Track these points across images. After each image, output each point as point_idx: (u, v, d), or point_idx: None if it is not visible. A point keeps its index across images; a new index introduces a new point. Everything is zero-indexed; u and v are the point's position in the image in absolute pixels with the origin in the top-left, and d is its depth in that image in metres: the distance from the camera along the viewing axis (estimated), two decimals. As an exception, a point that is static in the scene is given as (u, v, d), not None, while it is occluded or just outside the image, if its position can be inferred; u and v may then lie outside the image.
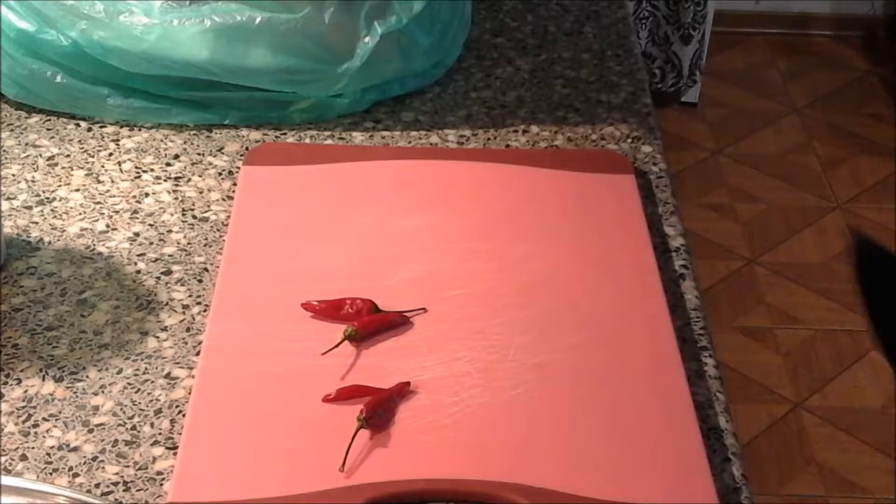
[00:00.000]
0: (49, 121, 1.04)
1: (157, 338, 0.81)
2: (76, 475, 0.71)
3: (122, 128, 1.04)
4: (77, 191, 0.96)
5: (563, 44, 1.21)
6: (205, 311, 0.84)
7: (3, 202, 0.93)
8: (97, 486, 0.70)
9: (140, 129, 1.04)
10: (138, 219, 0.93)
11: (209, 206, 0.95)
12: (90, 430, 0.74)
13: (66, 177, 0.97)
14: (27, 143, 1.01)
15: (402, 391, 0.75)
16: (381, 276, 0.85)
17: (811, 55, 3.42)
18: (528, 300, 0.84)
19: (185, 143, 1.02)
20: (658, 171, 1.01)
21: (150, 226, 0.92)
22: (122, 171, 0.98)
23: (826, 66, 3.37)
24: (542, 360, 0.79)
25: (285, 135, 1.04)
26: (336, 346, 0.78)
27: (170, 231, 0.92)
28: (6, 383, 0.77)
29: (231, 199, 0.95)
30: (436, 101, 1.10)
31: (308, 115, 1.06)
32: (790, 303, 2.44)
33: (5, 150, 1.00)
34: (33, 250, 0.89)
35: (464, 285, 0.85)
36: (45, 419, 0.75)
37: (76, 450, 0.73)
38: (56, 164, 0.99)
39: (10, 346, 0.80)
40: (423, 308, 0.82)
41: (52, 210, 0.93)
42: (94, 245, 0.90)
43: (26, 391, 0.77)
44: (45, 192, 0.95)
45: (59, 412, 0.75)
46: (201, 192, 0.96)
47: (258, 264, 0.86)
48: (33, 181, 0.97)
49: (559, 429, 0.74)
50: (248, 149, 1.01)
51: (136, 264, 0.88)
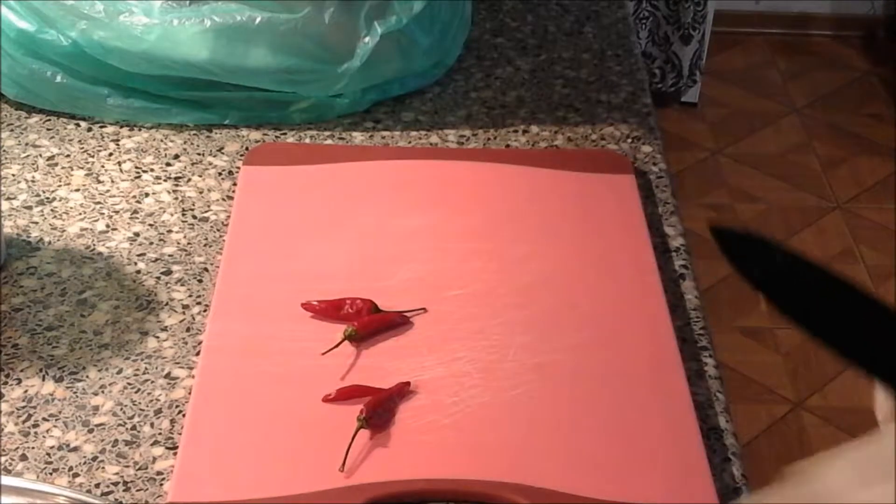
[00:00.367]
0: (49, 121, 1.04)
1: (157, 338, 0.81)
2: (76, 475, 0.71)
3: (122, 128, 1.04)
4: (77, 191, 0.96)
5: (563, 44, 1.21)
6: (205, 311, 0.84)
7: (3, 202, 0.93)
8: (97, 486, 0.70)
9: (140, 129, 1.04)
10: (138, 219, 0.93)
11: (209, 206, 0.95)
12: (90, 430, 0.74)
13: (66, 177, 0.97)
14: (27, 143, 1.01)
15: (402, 391, 0.75)
16: (381, 276, 0.85)
17: (811, 55, 3.42)
18: (528, 300, 0.84)
19: (185, 143, 1.02)
20: (658, 171, 1.01)
21: (150, 226, 0.92)
22: (122, 171, 0.98)
23: (826, 66, 3.38)
24: (542, 360, 0.78)
25: (285, 135, 1.04)
26: (336, 346, 0.78)
27: (170, 231, 0.92)
28: (6, 383, 0.77)
29: (231, 199, 0.95)
30: (436, 101, 1.10)
31: (308, 115, 1.06)
32: (790, 303, 2.44)
33: (5, 150, 1.00)
34: (33, 250, 0.89)
35: (464, 285, 0.85)
36: (45, 419, 0.75)
37: (76, 450, 0.73)
38: (56, 164, 0.99)
39: (10, 346, 0.80)
40: (423, 308, 0.82)
41: (52, 210, 0.93)
42: (94, 245, 0.90)
43: (26, 391, 0.77)
44: (45, 192, 0.95)
45: (59, 412, 0.75)
46: (201, 192, 0.96)
47: (258, 264, 0.86)
48: (33, 181, 0.97)
49: (559, 429, 0.74)
50: (248, 149, 1.01)
51: (136, 264, 0.88)
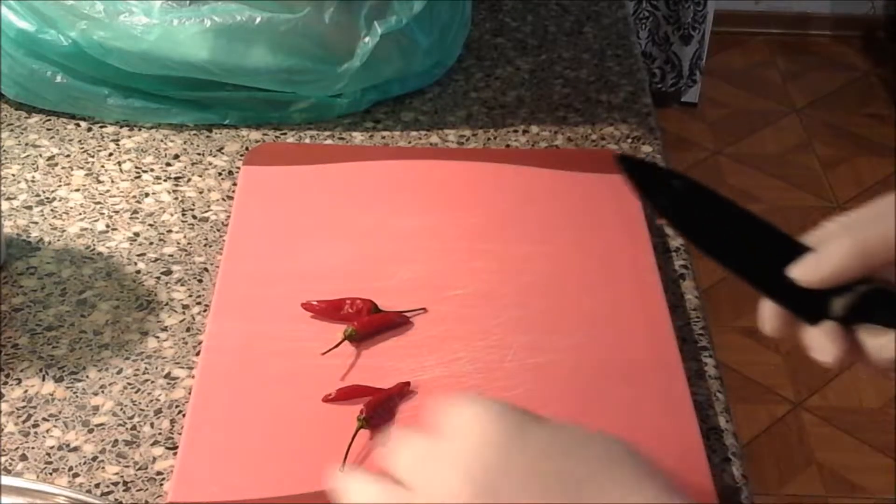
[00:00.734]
0: (49, 121, 1.04)
1: (157, 338, 0.81)
2: (76, 475, 0.71)
3: (122, 128, 1.04)
4: (77, 191, 0.96)
5: (563, 44, 1.21)
6: (205, 311, 0.84)
7: (3, 202, 0.93)
8: (97, 486, 0.70)
9: (140, 129, 1.04)
10: (138, 219, 0.93)
11: (209, 206, 0.95)
12: (90, 430, 0.74)
13: (66, 177, 0.97)
14: (27, 143, 1.01)
15: (403, 391, 0.75)
16: (381, 276, 0.85)
17: (811, 55, 3.42)
18: (528, 300, 0.84)
19: (185, 143, 1.02)
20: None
21: (150, 226, 0.92)
22: (122, 171, 0.98)
23: (826, 66, 3.38)
24: (542, 360, 0.78)
25: (285, 135, 1.04)
26: (336, 346, 0.78)
27: (170, 231, 0.92)
28: (6, 383, 0.77)
29: (231, 199, 0.95)
30: (436, 101, 1.10)
31: (308, 115, 1.06)
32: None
33: (5, 150, 1.00)
34: (33, 250, 0.89)
35: (464, 285, 0.85)
36: (45, 419, 0.75)
37: (76, 450, 0.73)
38: (56, 164, 0.99)
39: (10, 346, 0.80)
40: (423, 308, 0.82)
41: (52, 210, 0.93)
42: (94, 245, 0.90)
43: (26, 391, 0.77)
44: (45, 192, 0.95)
45: (59, 412, 0.75)
46: (201, 192, 0.96)
47: (258, 264, 0.86)
48: (33, 181, 0.97)
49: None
50: (248, 149, 1.01)
51: (136, 264, 0.88)
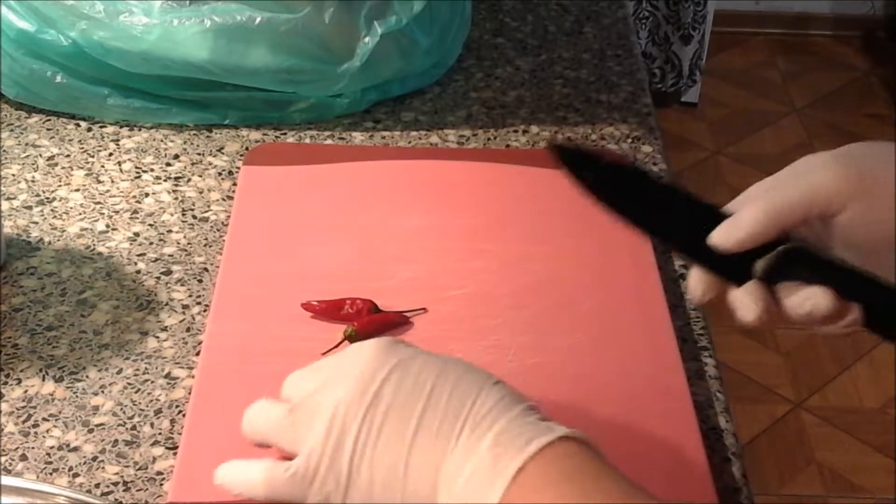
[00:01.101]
0: (49, 121, 1.04)
1: (157, 338, 0.81)
2: (76, 475, 0.71)
3: (122, 128, 1.04)
4: (77, 191, 0.96)
5: (563, 44, 1.21)
6: (205, 311, 0.84)
7: (3, 202, 0.93)
8: (97, 486, 0.70)
9: (140, 129, 1.04)
10: (138, 219, 0.93)
11: (209, 206, 0.95)
12: (90, 430, 0.74)
13: (66, 177, 0.97)
14: (27, 143, 1.01)
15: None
16: (381, 276, 0.85)
17: (811, 55, 3.42)
18: (527, 300, 0.84)
19: (185, 143, 1.02)
20: (658, 171, 1.01)
21: (150, 226, 0.92)
22: (122, 171, 0.98)
23: (826, 66, 3.38)
24: (542, 360, 0.78)
25: (285, 135, 1.04)
26: (336, 346, 0.78)
27: (170, 231, 0.92)
28: (6, 383, 0.77)
29: (231, 199, 0.95)
30: (436, 101, 1.10)
31: (308, 115, 1.06)
32: (790, 303, 2.43)
33: (5, 150, 1.00)
34: (33, 250, 0.89)
35: (464, 285, 0.85)
36: (45, 419, 0.75)
37: (76, 450, 0.73)
38: (56, 164, 0.99)
39: (10, 346, 0.80)
40: (423, 308, 0.82)
41: (52, 210, 0.93)
42: (94, 245, 0.90)
43: (26, 391, 0.77)
44: (45, 192, 0.95)
45: (59, 412, 0.75)
46: (201, 192, 0.96)
47: (258, 264, 0.86)
48: (33, 181, 0.97)
49: (559, 429, 0.74)
50: (248, 149, 1.01)
51: (136, 264, 0.88)
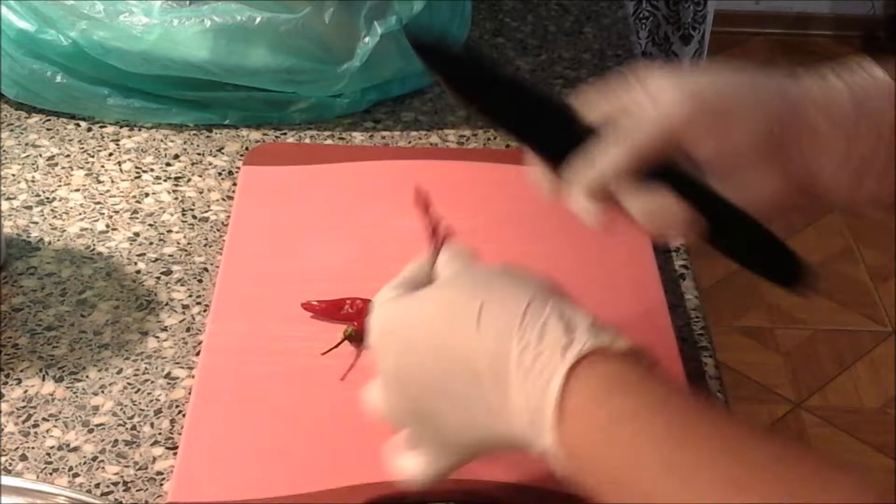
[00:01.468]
0: (49, 121, 1.04)
1: (157, 338, 0.81)
2: (76, 475, 0.71)
3: (122, 128, 1.04)
4: (77, 191, 0.96)
5: (563, 44, 1.21)
6: (205, 311, 0.84)
7: (3, 202, 0.93)
8: (97, 486, 0.70)
9: (140, 129, 1.04)
10: (138, 219, 0.93)
11: (209, 206, 0.95)
12: (90, 430, 0.74)
13: (66, 177, 0.97)
14: (27, 143, 1.01)
15: None
16: (381, 276, 0.85)
17: (811, 55, 3.42)
18: (528, 300, 0.83)
19: (185, 143, 1.02)
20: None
21: (150, 226, 0.92)
22: (122, 171, 0.98)
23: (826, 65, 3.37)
24: (542, 360, 0.78)
25: (285, 135, 1.04)
26: (336, 346, 0.78)
27: (170, 231, 0.92)
28: (6, 383, 0.77)
29: (231, 199, 0.95)
30: (436, 101, 1.10)
31: (308, 115, 1.06)
32: (790, 303, 2.44)
33: (5, 150, 1.00)
34: (33, 250, 0.89)
35: (464, 285, 0.84)
36: (45, 419, 0.75)
37: (76, 450, 0.73)
38: (56, 164, 0.99)
39: (10, 346, 0.80)
40: (423, 308, 0.82)
41: (52, 210, 0.93)
42: (94, 245, 0.90)
43: (26, 391, 0.77)
44: (45, 192, 0.95)
45: (59, 412, 0.75)
46: (201, 192, 0.96)
47: (258, 264, 0.86)
48: (33, 181, 0.97)
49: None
50: (248, 149, 1.01)
51: (136, 264, 0.88)
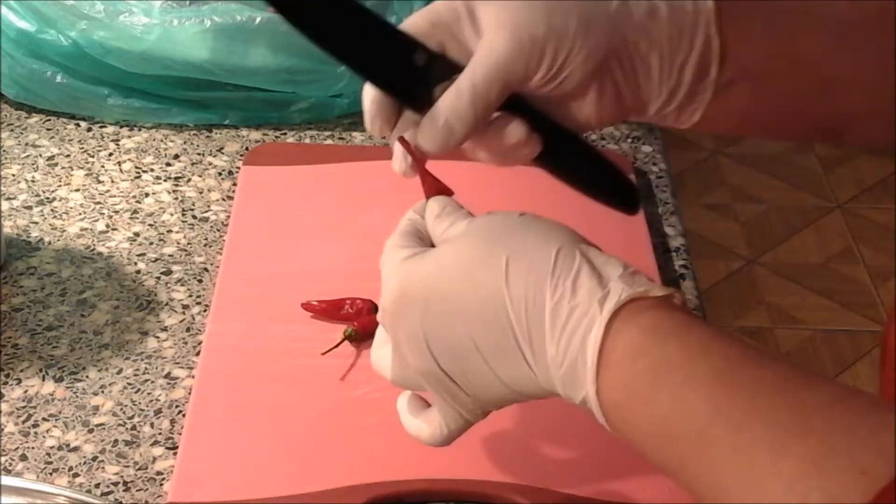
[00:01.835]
0: (49, 121, 1.04)
1: (157, 338, 0.81)
2: (76, 475, 0.71)
3: (122, 128, 1.04)
4: (77, 191, 0.96)
5: None
6: (205, 311, 0.84)
7: (3, 202, 0.93)
8: (97, 486, 0.70)
9: (140, 129, 1.04)
10: (138, 219, 0.93)
11: (209, 206, 0.95)
12: (90, 430, 0.74)
13: (66, 177, 0.97)
14: (27, 143, 1.01)
15: None
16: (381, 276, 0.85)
17: None
18: (528, 300, 0.83)
19: (185, 143, 1.02)
20: (658, 171, 1.01)
21: (150, 226, 0.92)
22: (122, 171, 0.98)
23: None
24: (542, 360, 0.78)
25: (285, 135, 1.04)
26: (336, 346, 0.78)
27: (170, 231, 0.92)
28: (6, 383, 0.77)
29: (231, 199, 0.95)
30: (436, 101, 1.10)
31: (308, 115, 1.05)
32: (790, 303, 2.44)
33: (5, 150, 1.00)
34: (33, 250, 0.89)
35: (464, 285, 0.84)
36: (45, 419, 0.75)
37: (76, 450, 0.73)
38: (56, 164, 0.99)
39: (10, 346, 0.80)
40: (423, 308, 0.82)
41: (52, 210, 0.93)
42: (94, 245, 0.90)
43: (26, 391, 0.77)
44: (45, 192, 0.95)
45: (59, 412, 0.75)
46: (201, 192, 0.96)
47: (258, 264, 0.86)
48: (33, 181, 0.97)
49: (559, 428, 0.74)
50: (248, 149, 1.01)
51: (136, 264, 0.88)
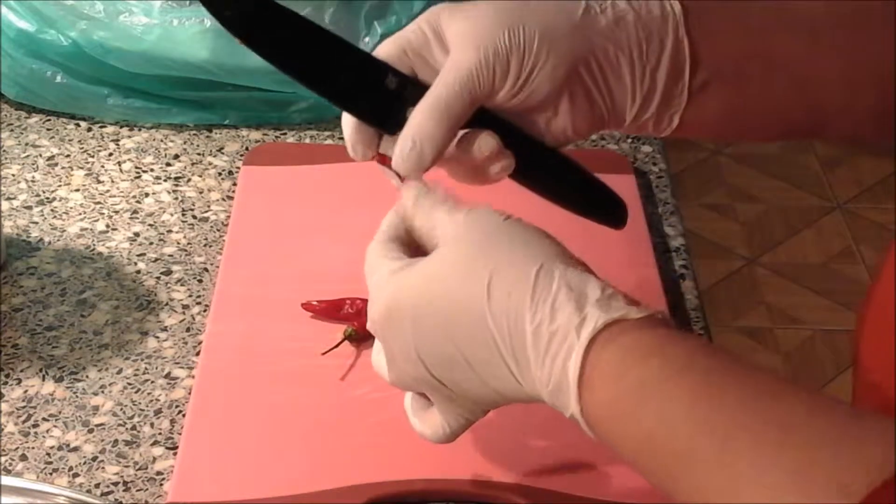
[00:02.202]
0: (49, 121, 1.04)
1: (157, 338, 0.81)
2: (76, 475, 0.71)
3: (122, 128, 1.04)
4: (77, 191, 0.96)
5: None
6: (205, 311, 0.84)
7: (3, 202, 0.93)
8: (97, 486, 0.70)
9: (140, 129, 1.04)
10: (138, 219, 0.93)
11: (209, 206, 0.95)
12: (90, 430, 0.74)
13: (66, 177, 0.97)
14: (27, 143, 1.01)
15: None
16: (381, 276, 0.85)
17: None
18: (528, 300, 0.83)
19: (185, 143, 1.02)
20: (658, 171, 1.01)
21: (150, 226, 0.92)
22: (122, 171, 0.98)
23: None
24: (542, 360, 0.78)
25: (285, 135, 1.04)
26: (336, 346, 0.78)
27: (170, 231, 0.92)
28: (6, 383, 0.77)
29: (231, 199, 0.95)
30: (436, 101, 1.10)
31: (308, 115, 1.05)
32: (790, 303, 2.44)
33: (5, 150, 1.00)
34: (33, 250, 0.89)
35: (464, 285, 0.84)
36: (45, 419, 0.75)
37: (76, 450, 0.73)
38: (56, 164, 0.99)
39: (10, 346, 0.80)
40: (423, 308, 0.82)
41: (52, 210, 0.93)
42: (94, 245, 0.90)
43: (26, 391, 0.77)
44: (45, 192, 0.95)
45: (59, 412, 0.75)
46: (201, 192, 0.96)
47: (258, 264, 0.86)
48: (33, 181, 0.97)
49: (559, 429, 0.73)
50: (248, 149, 1.01)
51: (136, 264, 0.88)
